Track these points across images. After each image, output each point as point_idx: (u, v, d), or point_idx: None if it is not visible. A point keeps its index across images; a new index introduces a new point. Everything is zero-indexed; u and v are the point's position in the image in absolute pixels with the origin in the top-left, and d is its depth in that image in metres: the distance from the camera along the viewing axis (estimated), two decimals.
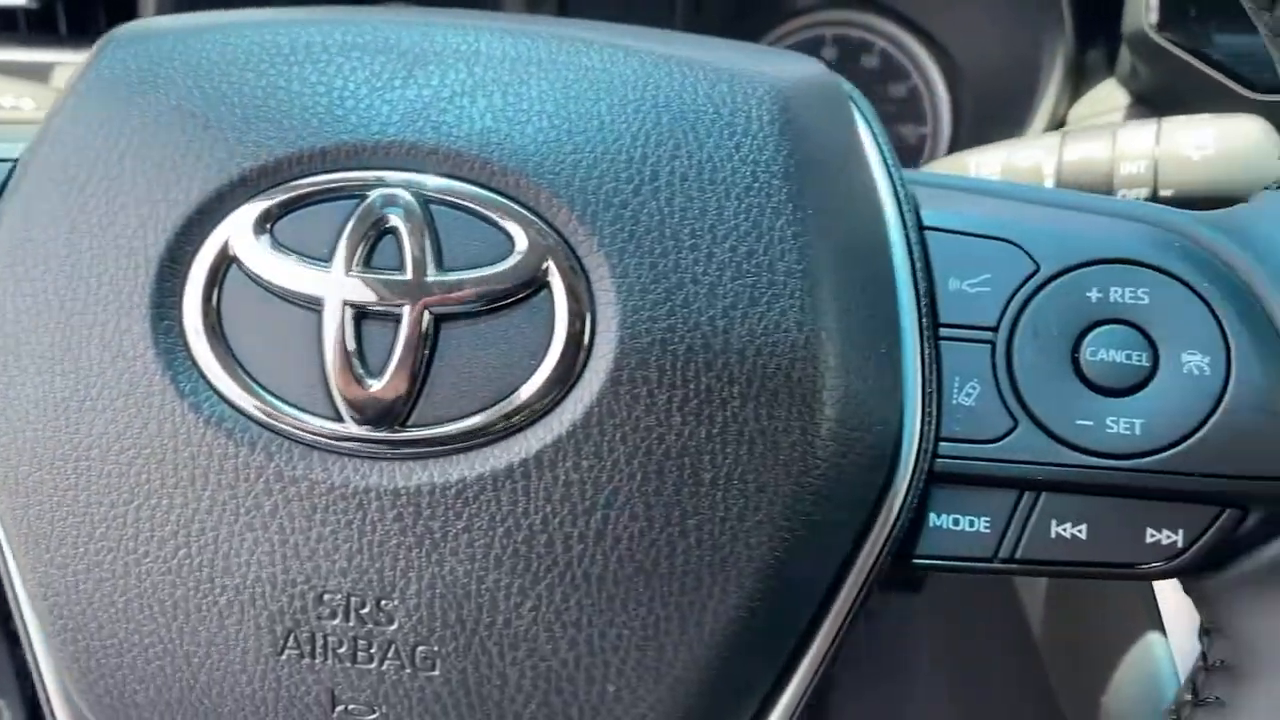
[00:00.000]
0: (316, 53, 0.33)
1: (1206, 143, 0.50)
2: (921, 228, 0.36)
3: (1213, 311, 0.34)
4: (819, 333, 0.31)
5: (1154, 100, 0.74)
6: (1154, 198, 0.52)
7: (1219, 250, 0.35)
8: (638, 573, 0.31)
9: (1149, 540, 0.35)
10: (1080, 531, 0.35)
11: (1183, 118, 0.53)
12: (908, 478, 0.34)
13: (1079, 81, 0.84)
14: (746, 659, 0.32)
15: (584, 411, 0.30)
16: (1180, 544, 0.34)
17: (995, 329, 0.35)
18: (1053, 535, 0.35)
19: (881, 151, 0.37)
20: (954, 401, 0.35)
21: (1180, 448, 0.34)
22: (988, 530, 0.35)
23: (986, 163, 0.56)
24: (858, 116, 0.38)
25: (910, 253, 0.36)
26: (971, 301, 0.35)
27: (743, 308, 0.31)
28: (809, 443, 0.31)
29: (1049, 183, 0.54)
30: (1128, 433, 0.34)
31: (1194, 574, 0.35)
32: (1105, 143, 0.53)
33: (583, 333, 0.31)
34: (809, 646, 0.35)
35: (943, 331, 0.35)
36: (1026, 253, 0.35)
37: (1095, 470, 0.34)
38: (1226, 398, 0.33)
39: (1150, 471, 0.34)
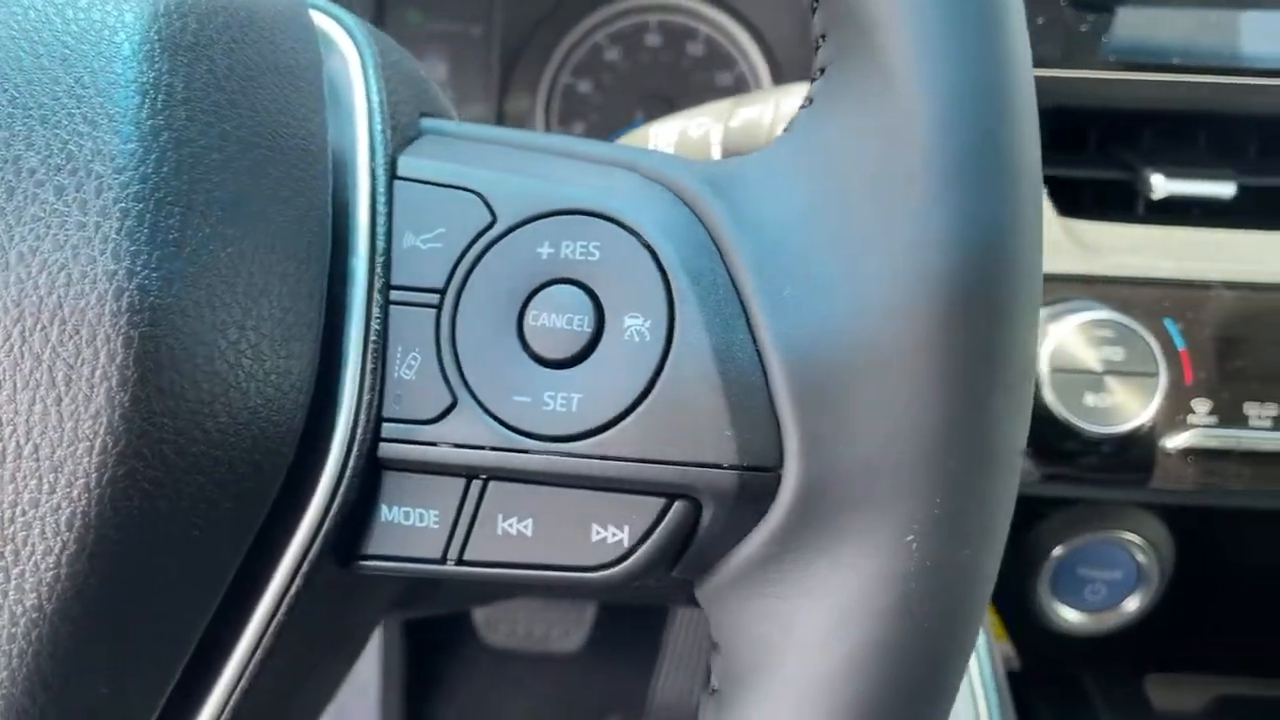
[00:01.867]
0: None
1: None
2: (394, 177, 0.32)
3: (661, 268, 0.29)
4: (139, 287, 0.26)
5: None
6: None
7: (696, 200, 0.30)
8: None
9: (595, 538, 0.30)
10: (526, 528, 0.30)
11: None
12: (338, 463, 0.30)
13: None
14: (74, 676, 0.28)
15: None
16: (626, 543, 0.30)
17: (443, 291, 0.31)
18: (499, 532, 0.30)
19: (368, 90, 0.33)
20: (395, 375, 0.30)
21: (616, 428, 0.29)
22: (437, 526, 0.31)
23: (664, 133, 0.51)
24: (346, 50, 0.33)
25: (374, 205, 0.31)
26: (423, 260, 0.31)
27: (43, 254, 0.26)
28: (127, 418, 0.26)
29: (715, 150, 0.49)
30: (564, 410, 0.29)
31: (647, 578, 0.30)
32: (769, 107, 0.48)
33: None
34: (228, 655, 0.31)
35: (393, 295, 0.31)
36: (486, 203, 0.31)
37: (534, 455, 0.30)
38: (665, 369, 0.29)
39: (586, 456, 0.29)
